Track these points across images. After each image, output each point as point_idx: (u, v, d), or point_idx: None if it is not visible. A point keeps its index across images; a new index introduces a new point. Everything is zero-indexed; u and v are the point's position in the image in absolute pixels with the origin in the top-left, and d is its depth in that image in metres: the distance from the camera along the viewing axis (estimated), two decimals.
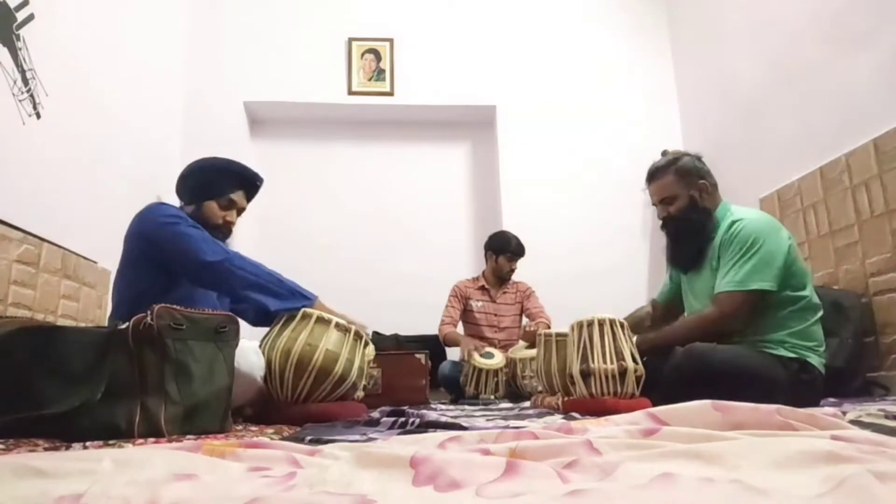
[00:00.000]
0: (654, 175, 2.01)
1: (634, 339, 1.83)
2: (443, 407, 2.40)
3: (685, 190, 1.94)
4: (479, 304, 3.47)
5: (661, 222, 2.05)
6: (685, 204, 1.94)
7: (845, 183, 2.62)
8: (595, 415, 1.41)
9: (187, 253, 1.66)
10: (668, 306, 2.21)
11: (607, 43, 4.44)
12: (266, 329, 1.75)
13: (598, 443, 0.74)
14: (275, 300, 1.69)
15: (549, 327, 3.14)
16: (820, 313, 1.84)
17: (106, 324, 2.10)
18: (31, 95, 2.25)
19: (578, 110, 4.31)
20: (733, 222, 1.85)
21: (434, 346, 3.45)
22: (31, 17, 2.23)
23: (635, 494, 0.53)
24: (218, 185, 1.87)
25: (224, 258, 1.68)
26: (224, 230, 1.89)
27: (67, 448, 0.99)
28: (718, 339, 1.80)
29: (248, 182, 1.94)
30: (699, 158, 2.00)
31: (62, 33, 2.48)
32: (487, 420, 1.55)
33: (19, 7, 2.19)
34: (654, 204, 2.05)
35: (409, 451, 0.69)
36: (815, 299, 1.85)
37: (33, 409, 1.16)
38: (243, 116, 4.14)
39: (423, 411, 1.53)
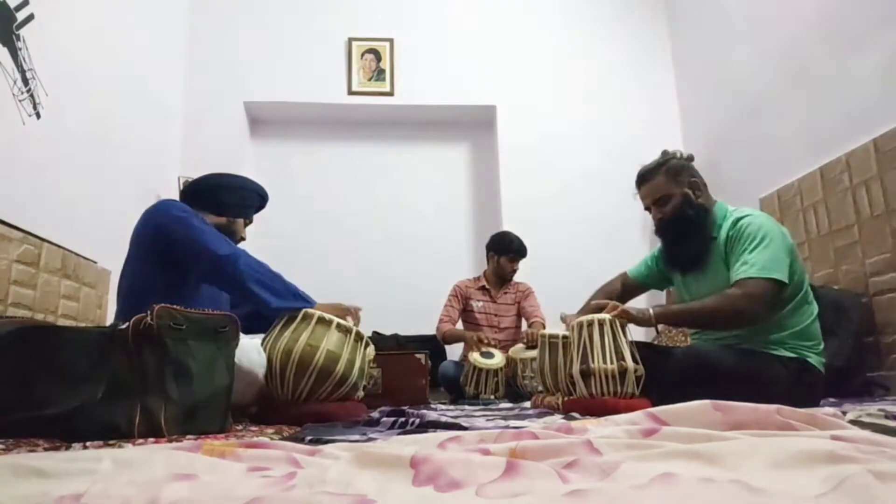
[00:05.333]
0: (644, 177, 1.98)
1: (652, 309, 1.81)
2: (443, 407, 2.40)
3: (678, 188, 1.90)
4: (480, 304, 3.47)
5: (656, 226, 2.00)
6: (680, 202, 1.90)
7: (845, 183, 2.62)
8: (595, 415, 1.41)
9: (199, 245, 1.68)
10: (640, 286, 2.20)
11: (607, 42, 4.44)
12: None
13: (598, 443, 0.74)
14: (276, 298, 1.70)
15: (543, 327, 3.14)
16: (817, 312, 1.84)
17: (108, 324, 2.10)
18: (31, 95, 2.25)
19: (578, 110, 4.31)
20: (739, 219, 1.83)
21: (434, 346, 3.45)
22: (31, 17, 2.23)
23: (635, 494, 0.53)
24: (248, 204, 2.02)
25: (233, 252, 1.70)
26: (238, 244, 2.02)
27: (67, 448, 0.99)
28: (738, 325, 1.78)
29: (263, 205, 2.10)
30: (688, 158, 1.98)
31: (62, 33, 2.48)
32: (487, 420, 1.55)
33: (19, 7, 2.18)
34: (646, 208, 2.01)
35: (409, 451, 0.69)
36: (812, 298, 1.85)
37: (33, 409, 1.16)
38: (243, 116, 4.14)
39: (423, 411, 1.53)
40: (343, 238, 4.19)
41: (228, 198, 1.96)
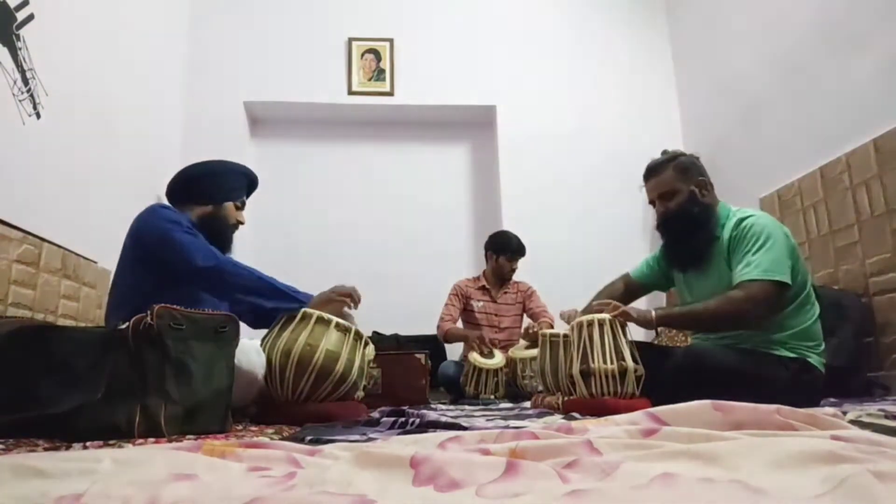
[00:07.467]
0: (652, 171, 1.98)
1: (654, 311, 1.81)
2: (443, 407, 2.40)
3: (685, 185, 1.90)
4: (480, 304, 3.47)
5: (658, 221, 2.00)
6: (686, 199, 1.90)
7: (845, 183, 2.62)
8: (595, 415, 1.41)
9: (179, 259, 1.69)
10: (643, 287, 2.20)
11: (607, 43, 4.44)
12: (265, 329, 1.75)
13: (598, 443, 0.74)
14: (269, 301, 1.71)
15: (552, 326, 3.15)
16: (818, 312, 1.84)
17: (104, 324, 2.10)
18: (31, 95, 2.25)
19: (578, 110, 4.31)
20: (742, 219, 1.83)
21: (434, 346, 3.45)
22: (31, 17, 2.23)
23: (635, 494, 0.53)
24: (233, 187, 1.97)
25: (215, 264, 1.70)
26: (234, 229, 1.99)
27: (67, 448, 0.99)
28: (740, 327, 1.78)
29: (254, 184, 2.05)
30: (697, 158, 1.99)
31: (62, 33, 2.47)
32: (487, 420, 1.55)
33: (19, 7, 2.18)
34: (650, 201, 2.00)
35: (409, 451, 0.69)
36: (814, 299, 1.85)
37: (33, 409, 1.16)
38: (243, 116, 4.14)
39: (423, 411, 1.53)
40: (343, 238, 4.18)
41: (209, 185, 1.93)
